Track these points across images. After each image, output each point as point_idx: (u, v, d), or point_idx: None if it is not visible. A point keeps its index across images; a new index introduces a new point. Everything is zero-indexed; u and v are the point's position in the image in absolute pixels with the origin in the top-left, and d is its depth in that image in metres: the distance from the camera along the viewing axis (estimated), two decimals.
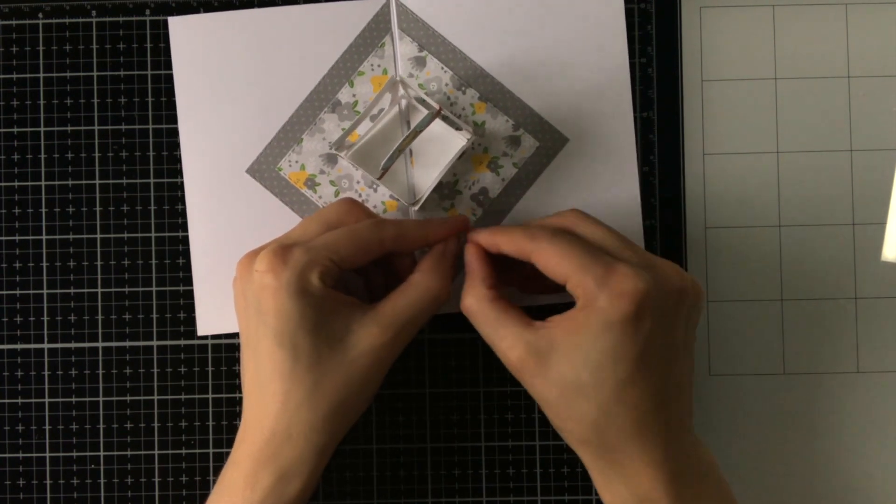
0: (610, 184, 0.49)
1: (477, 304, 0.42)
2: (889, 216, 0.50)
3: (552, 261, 0.40)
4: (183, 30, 0.49)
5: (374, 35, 0.49)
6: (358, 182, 0.49)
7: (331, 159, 0.49)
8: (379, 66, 0.49)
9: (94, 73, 0.49)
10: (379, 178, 0.45)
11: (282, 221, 0.49)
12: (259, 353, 0.41)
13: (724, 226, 0.50)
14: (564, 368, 0.40)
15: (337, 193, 0.49)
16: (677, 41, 0.50)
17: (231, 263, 0.48)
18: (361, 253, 0.42)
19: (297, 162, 0.49)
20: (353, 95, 0.49)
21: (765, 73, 0.50)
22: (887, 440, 0.49)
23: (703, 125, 0.50)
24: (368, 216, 0.44)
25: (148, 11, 0.49)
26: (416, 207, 0.47)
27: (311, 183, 0.49)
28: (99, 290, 0.49)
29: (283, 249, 0.41)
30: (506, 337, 0.41)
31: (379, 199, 0.49)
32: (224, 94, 0.49)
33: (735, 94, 0.50)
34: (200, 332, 0.49)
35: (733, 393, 0.49)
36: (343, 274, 0.42)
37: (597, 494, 0.49)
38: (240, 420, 0.46)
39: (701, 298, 0.42)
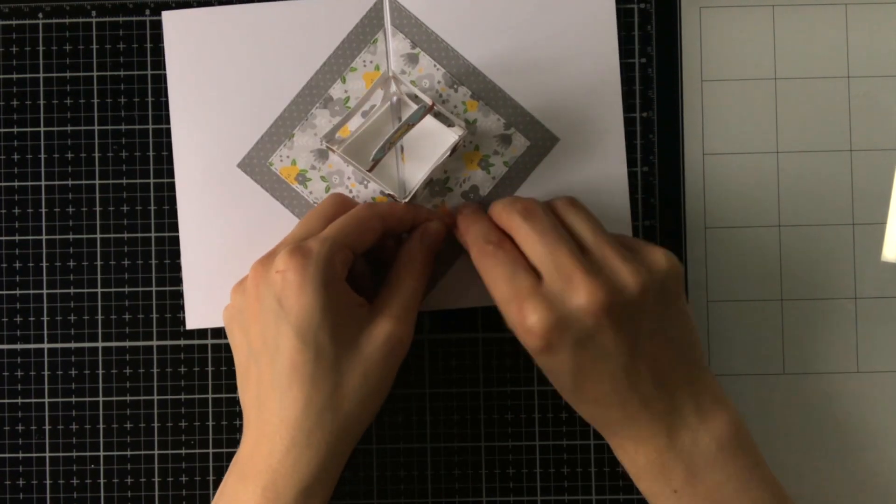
0: (599, 184, 0.49)
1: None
2: (889, 216, 0.50)
3: (486, 281, 0.42)
4: (176, 24, 0.49)
5: (366, 31, 0.49)
6: (349, 178, 0.49)
7: (322, 155, 0.49)
8: (371, 62, 0.49)
9: (94, 73, 0.49)
10: (369, 171, 0.45)
11: (272, 216, 0.49)
12: (278, 357, 0.41)
13: (724, 226, 0.50)
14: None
15: (328, 189, 0.49)
16: (677, 41, 0.50)
17: (220, 258, 0.48)
18: (367, 233, 0.43)
19: (288, 157, 0.49)
20: (346, 91, 0.49)
21: (765, 73, 0.50)
22: (887, 440, 0.49)
23: (703, 125, 0.50)
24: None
25: (148, 11, 0.49)
26: (407, 202, 0.47)
27: (302, 178, 0.49)
28: (99, 290, 0.49)
29: (299, 247, 0.41)
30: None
31: (370, 195, 0.49)
32: (217, 89, 0.49)
33: (735, 94, 0.50)
34: (189, 325, 0.49)
35: (733, 393, 0.49)
36: (355, 261, 0.43)
37: (596, 494, 0.49)
38: (240, 434, 0.46)
39: (654, 290, 0.41)
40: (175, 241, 0.49)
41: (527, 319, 0.40)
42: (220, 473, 0.49)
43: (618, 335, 0.40)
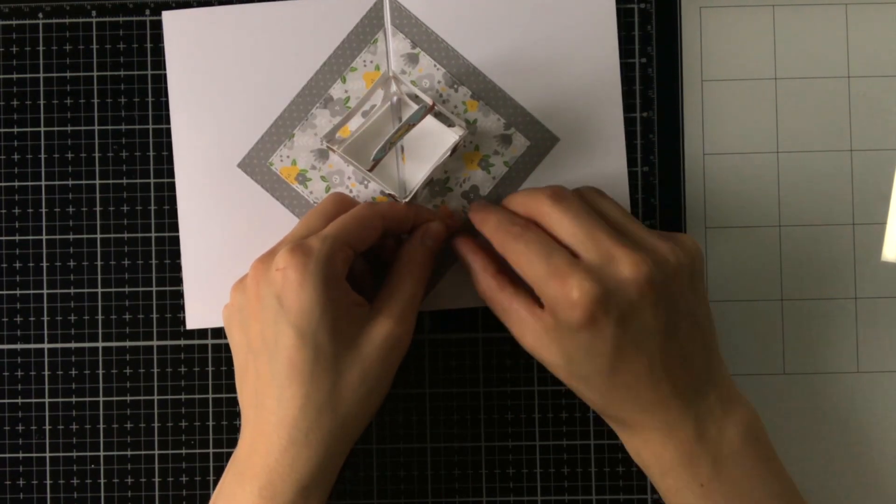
0: (599, 184, 0.48)
1: (485, 294, 0.44)
2: (889, 216, 0.50)
3: (517, 264, 0.42)
4: (177, 24, 0.49)
5: (367, 31, 0.49)
6: (349, 178, 0.49)
7: (322, 155, 0.49)
8: (371, 62, 0.49)
9: (94, 73, 0.49)
10: (370, 170, 0.45)
11: (272, 216, 0.49)
12: (277, 355, 0.41)
13: (724, 226, 0.50)
14: (559, 359, 0.41)
15: (328, 189, 0.49)
16: (677, 41, 0.50)
17: (220, 258, 0.48)
18: (368, 231, 0.43)
19: (288, 157, 0.49)
20: (346, 91, 0.49)
21: (765, 73, 0.50)
22: (888, 440, 0.49)
23: (703, 125, 0.50)
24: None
25: (148, 11, 0.49)
26: (407, 202, 0.47)
27: (303, 178, 0.49)
28: (99, 290, 0.49)
29: (300, 245, 0.41)
30: (514, 325, 0.43)
31: (370, 195, 0.49)
32: (217, 89, 0.49)
33: (735, 94, 0.50)
34: (189, 325, 0.49)
35: None
36: (355, 261, 0.43)
37: (596, 494, 0.49)
38: (239, 433, 0.46)
39: (686, 269, 0.41)
40: (175, 241, 0.49)
41: (572, 293, 0.39)
42: (219, 473, 0.49)
43: (658, 310, 0.40)
